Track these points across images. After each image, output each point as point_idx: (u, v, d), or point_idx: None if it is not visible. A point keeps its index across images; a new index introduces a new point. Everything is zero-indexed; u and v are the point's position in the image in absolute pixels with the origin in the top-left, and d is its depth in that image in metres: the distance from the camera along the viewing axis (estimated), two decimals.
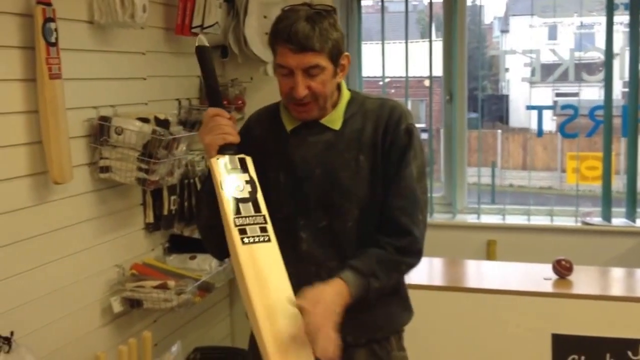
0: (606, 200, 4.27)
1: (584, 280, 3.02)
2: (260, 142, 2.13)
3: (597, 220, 4.28)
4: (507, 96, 7.40)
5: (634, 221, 4.23)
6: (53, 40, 2.60)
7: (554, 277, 3.01)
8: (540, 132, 4.37)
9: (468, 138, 4.56)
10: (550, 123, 4.64)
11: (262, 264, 1.83)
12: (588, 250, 4.01)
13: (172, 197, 3.37)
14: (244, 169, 1.97)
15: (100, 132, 2.91)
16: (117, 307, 3.06)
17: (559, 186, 5.95)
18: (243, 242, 1.85)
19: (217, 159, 1.96)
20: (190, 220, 3.57)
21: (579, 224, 4.26)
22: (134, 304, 3.10)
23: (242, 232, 1.87)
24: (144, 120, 2.99)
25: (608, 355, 2.77)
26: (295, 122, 2.10)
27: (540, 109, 4.33)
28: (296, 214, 2.07)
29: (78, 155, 2.85)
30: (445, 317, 2.70)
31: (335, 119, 2.09)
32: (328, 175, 2.05)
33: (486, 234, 4.22)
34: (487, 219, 4.34)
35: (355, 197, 2.05)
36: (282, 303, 1.79)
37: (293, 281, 1.87)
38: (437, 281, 3.11)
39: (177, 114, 3.51)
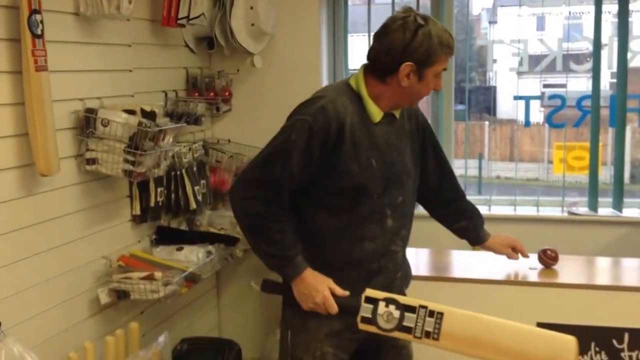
0: (593, 191, 4.30)
1: (569, 269, 3.03)
2: (352, 130, 2.34)
3: (583, 210, 4.30)
4: (494, 87, 7.39)
5: (620, 211, 4.25)
6: (39, 32, 2.59)
7: (540, 266, 3.03)
8: (527, 123, 4.38)
9: (455, 130, 4.57)
10: (537, 114, 4.64)
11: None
12: (574, 241, 4.03)
13: (159, 189, 3.37)
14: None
15: (87, 124, 2.91)
16: (104, 299, 3.07)
17: (545, 177, 5.95)
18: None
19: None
20: (177, 212, 3.58)
21: (565, 214, 4.29)
22: (120, 295, 3.11)
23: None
24: (130, 112, 2.98)
25: (593, 344, 2.79)
26: (380, 114, 2.39)
27: (527, 99, 4.34)
28: (384, 194, 2.40)
29: (64, 147, 2.85)
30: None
31: (397, 110, 2.47)
32: (400, 158, 2.46)
33: None
34: None
35: (414, 176, 2.54)
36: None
37: (378, 251, 2.41)
38: (423, 271, 3.11)
39: (163, 105, 3.51)
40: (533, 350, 2.05)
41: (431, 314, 2.11)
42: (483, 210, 4.39)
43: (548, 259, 3.01)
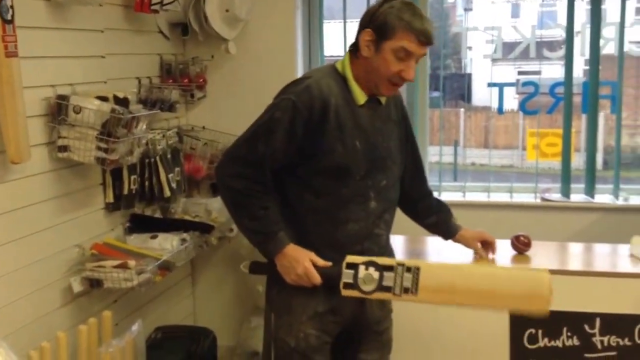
0: (565, 177, 4.32)
1: (542, 255, 3.05)
2: (336, 110, 2.37)
3: (556, 196, 4.33)
4: (469, 74, 7.41)
5: (592, 197, 4.29)
6: (9, 17, 2.55)
7: (513, 252, 3.05)
8: (501, 110, 4.40)
9: (430, 117, 4.57)
10: (512, 101, 4.65)
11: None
12: (547, 227, 4.06)
13: (132, 177, 3.35)
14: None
15: (58, 111, 2.87)
16: (77, 287, 3.05)
17: (520, 164, 5.99)
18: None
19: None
20: (151, 200, 3.55)
21: (538, 201, 4.31)
22: (94, 283, 3.08)
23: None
24: (103, 98, 2.96)
25: (565, 329, 2.81)
26: (364, 97, 2.43)
27: (501, 86, 4.35)
28: (367, 176, 2.43)
29: (36, 134, 2.82)
30: None
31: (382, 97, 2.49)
32: (385, 143, 2.49)
33: None
34: (447, 196, 4.36)
35: (399, 163, 2.57)
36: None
37: (361, 234, 2.44)
38: (398, 257, 3.11)
39: (137, 92, 3.48)
40: (508, 290, 2.16)
41: (408, 269, 2.21)
42: (457, 196, 4.43)
43: (521, 245, 3.02)
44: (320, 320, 2.45)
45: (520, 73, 4.90)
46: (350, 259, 2.28)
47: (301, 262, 2.34)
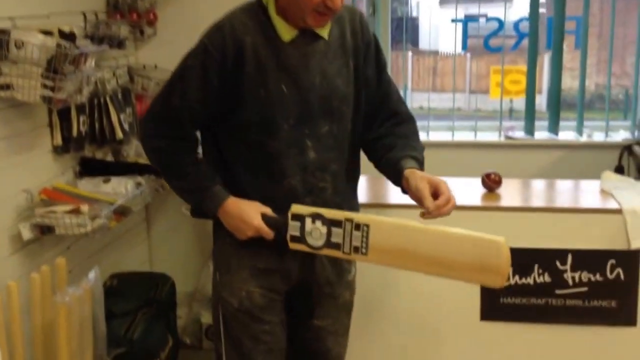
0: (529, 115, 4.25)
1: (512, 193, 2.97)
2: (254, 50, 2.08)
3: (520, 134, 4.26)
4: (416, 18, 7.28)
5: (556, 134, 4.23)
6: None
7: (483, 190, 2.96)
8: (465, 47, 4.30)
9: None
10: (460, 43, 4.47)
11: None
12: (512, 165, 4.00)
13: (82, 118, 3.16)
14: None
15: None
16: (26, 234, 2.87)
17: (467, 107, 5.96)
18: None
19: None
20: (102, 143, 3.38)
21: (502, 139, 4.24)
22: (44, 230, 2.92)
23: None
24: (47, 33, 2.75)
25: (536, 266, 2.75)
26: (291, 32, 2.10)
27: (465, 21, 4.24)
28: (301, 124, 2.12)
29: None
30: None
31: (325, 29, 2.14)
32: (327, 83, 2.14)
33: None
34: None
35: (350, 101, 2.20)
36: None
37: (300, 189, 2.14)
38: (361, 199, 3.00)
39: (83, 27, 3.27)
40: (462, 258, 1.91)
41: (357, 227, 1.98)
42: (421, 136, 4.33)
43: (492, 183, 2.94)
44: (263, 278, 2.22)
45: (466, 16, 4.73)
46: (295, 209, 2.06)
47: (249, 221, 2.10)
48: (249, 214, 2.11)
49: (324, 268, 2.26)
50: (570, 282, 2.74)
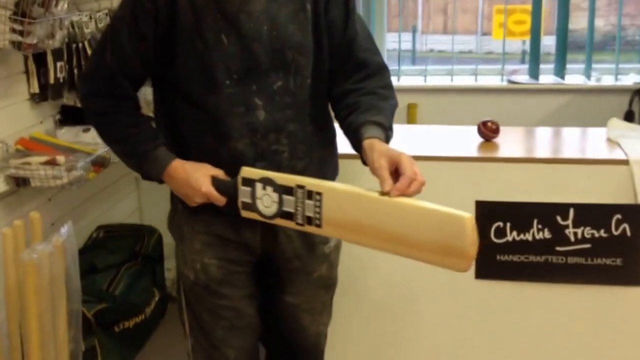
0: (534, 57, 4.06)
1: (510, 142, 2.80)
2: None
3: (524, 78, 4.07)
4: None
5: (562, 78, 4.04)
6: None
7: (480, 139, 2.79)
8: None
9: (387, 2, 4.26)
10: None
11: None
12: (514, 111, 3.83)
13: (59, 64, 3.00)
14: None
15: None
16: (1, 187, 2.75)
17: (480, 49, 5.74)
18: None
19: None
20: None
21: (505, 84, 4.06)
22: (19, 182, 2.79)
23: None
24: None
25: (535, 222, 2.59)
26: None
27: None
28: (247, 79, 1.87)
29: None
30: (366, 185, 2.40)
31: None
32: (278, 31, 1.87)
33: (407, 97, 3.99)
34: (407, 81, 4.09)
35: (309, 51, 1.92)
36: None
37: (249, 153, 1.88)
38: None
39: None
40: (422, 236, 1.61)
41: (310, 195, 1.73)
42: (418, 81, 4.15)
43: (488, 132, 2.76)
44: (220, 248, 2.01)
45: None
46: (245, 172, 1.83)
47: (196, 188, 1.88)
48: (197, 178, 1.88)
49: (289, 240, 2.03)
50: (572, 238, 2.58)
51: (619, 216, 2.54)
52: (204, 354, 2.11)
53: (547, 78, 4.05)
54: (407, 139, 2.93)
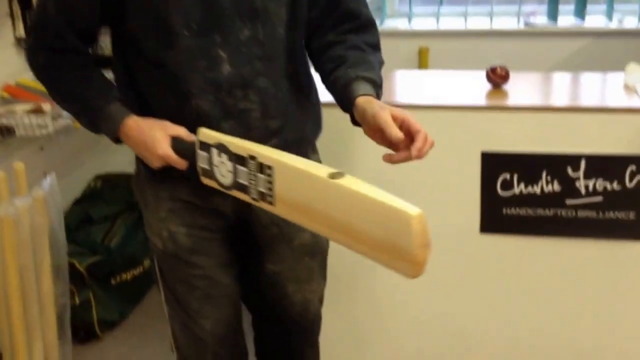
0: None
1: (521, 89, 2.62)
2: None
3: (541, 20, 3.86)
4: None
5: (583, 19, 3.82)
6: None
7: (489, 86, 2.62)
8: None
9: None
10: None
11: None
12: (531, 55, 3.65)
13: None
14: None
15: None
16: None
17: None
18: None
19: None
20: None
21: (522, 26, 3.86)
22: (4, 131, 2.68)
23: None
24: None
25: (544, 173, 2.43)
26: None
27: None
28: (208, 29, 1.64)
29: None
30: (353, 147, 2.25)
31: None
32: None
33: (418, 41, 3.81)
34: (419, 24, 3.90)
35: None
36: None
37: (213, 112, 1.67)
38: None
39: None
40: (370, 230, 1.37)
41: (261, 168, 1.52)
42: (430, 23, 3.96)
43: (497, 78, 2.59)
44: (187, 215, 1.83)
45: None
46: (202, 135, 1.62)
47: (154, 146, 1.65)
48: (154, 137, 1.65)
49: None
50: (583, 191, 2.43)
51: (633, 167, 2.37)
52: (181, 324, 1.97)
53: (566, 20, 3.84)
54: (412, 85, 2.78)
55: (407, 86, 2.81)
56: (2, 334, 2.48)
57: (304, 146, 1.85)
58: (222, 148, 1.58)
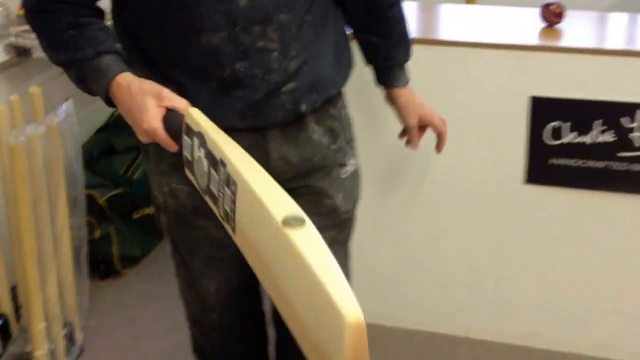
0: None
1: (577, 29, 2.41)
2: None
3: None
4: None
5: None
6: None
7: (542, 24, 2.41)
8: None
9: None
10: None
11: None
12: None
13: None
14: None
15: None
16: (1, 56, 2.50)
17: None
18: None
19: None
20: None
21: None
22: (20, 52, 2.53)
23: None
24: None
25: (596, 123, 2.24)
26: None
27: None
28: None
29: None
30: (414, 73, 2.04)
31: None
32: None
33: None
34: None
35: None
36: None
37: (227, 50, 1.43)
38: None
39: None
40: (299, 308, 0.98)
41: (228, 181, 1.18)
42: None
43: (552, 16, 2.38)
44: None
45: None
46: (189, 117, 1.31)
47: (140, 117, 1.35)
48: (143, 106, 1.35)
49: (286, 163, 1.60)
50: (637, 143, 2.23)
51: None
52: (186, 283, 1.82)
53: None
54: (457, 20, 2.58)
55: (452, 21, 2.61)
56: (15, 267, 2.38)
57: (328, 89, 1.60)
58: (201, 140, 1.26)
